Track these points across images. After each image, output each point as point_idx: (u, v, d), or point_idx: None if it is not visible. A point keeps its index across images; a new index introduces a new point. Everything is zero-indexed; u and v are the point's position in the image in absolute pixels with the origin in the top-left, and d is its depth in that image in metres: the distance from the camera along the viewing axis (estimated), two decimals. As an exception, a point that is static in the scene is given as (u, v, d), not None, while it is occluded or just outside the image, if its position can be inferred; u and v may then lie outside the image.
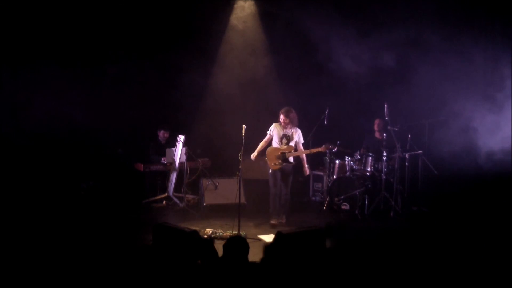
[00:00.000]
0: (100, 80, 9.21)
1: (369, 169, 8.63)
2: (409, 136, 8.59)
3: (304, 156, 7.73)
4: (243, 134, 7.03)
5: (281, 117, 7.58)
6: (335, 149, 8.51)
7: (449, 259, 5.82)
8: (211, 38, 9.65)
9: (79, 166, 8.96)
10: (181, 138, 8.47)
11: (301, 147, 7.73)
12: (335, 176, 8.83)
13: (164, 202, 8.70)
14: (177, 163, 8.61)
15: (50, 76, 8.64)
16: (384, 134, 8.48)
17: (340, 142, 8.81)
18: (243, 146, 7.04)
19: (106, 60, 9.06)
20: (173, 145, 8.69)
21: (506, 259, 5.78)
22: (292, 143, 7.60)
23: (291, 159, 7.65)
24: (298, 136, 7.66)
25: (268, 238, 6.64)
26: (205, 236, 6.65)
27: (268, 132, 7.76)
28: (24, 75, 8.62)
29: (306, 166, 7.77)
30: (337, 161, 8.94)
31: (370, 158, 8.63)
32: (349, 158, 8.67)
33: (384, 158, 8.34)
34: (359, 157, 8.70)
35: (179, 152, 8.58)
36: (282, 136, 7.64)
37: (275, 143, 7.68)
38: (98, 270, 5.17)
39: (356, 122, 9.32)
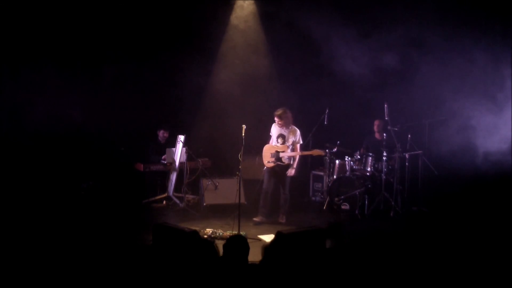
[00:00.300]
0: (100, 80, 9.21)
1: (369, 169, 8.63)
2: (409, 136, 8.59)
3: (297, 157, 7.66)
4: (243, 134, 7.03)
5: (275, 119, 7.59)
6: (335, 149, 8.51)
7: (449, 259, 5.83)
8: (211, 38, 9.64)
9: (79, 166, 8.96)
10: (181, 138, 8.47)
11: (298, 148, 7.69)
12: (335, 176, 8.83)
13: (164, 202, 8.70)
14: (177, 163, 8.61)
15: (50, 77, 8.63)
16: (384, 134, 8.48)
17: (340, 142, 8.83)
18: (243, 146, 7.05)
19: (106, 60, 9.04)
20: (173, 145, 8.68)
21: (506, 259, 5.78)
22: (288, 143, 7.58)
23: (285, 159, 7.62)
24: (295, 137, 7.63)
25: (268, 238, 6.64)
26: (205, 236, 6.65)
27: (270, 134, 7.79)
28: (25, 76, 8.62)
29: (294, 168, 7.64)
30: (337, 161, 8.94)
31: (370, 158, 8.63)
32: (349, 158, 8.67)
33: (384, 158, 8.34)
34: (359, 157, 8.69)
35: (179, 152, 8.58)
36: (278, 136, 7.67)
37: (273, 142, 7.72)
38: (98, 270, 5.17)
39: (356, 122, 9.32)
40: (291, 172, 7.67)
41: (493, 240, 6.57)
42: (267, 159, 7.68)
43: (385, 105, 8.34)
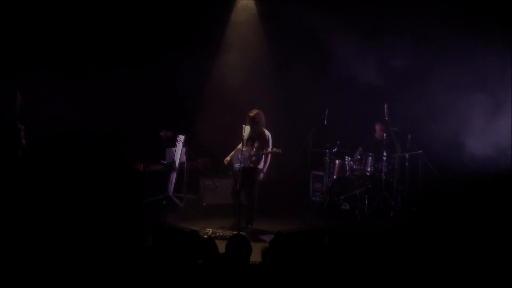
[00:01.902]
0: (100, 80, 9.20)
1: (369, 169, 8.62)
2: (409, 136, 8.59)
3: (267, 161, 7.29)
4: (243, 134, 7.02)
5: (248, 121, 7.24)
6: (335, 149, 8.46)
7: (449, 259, 5.83)
8: (211, 36, 9.63)
9: (80, 166, 8.96)
10: (181, 138, 8.48)
11: (268, 151, 7.26)
12: (335, 176, 8.83)
13: (164, 202, 8.70)
14: (177, 163, 8.61)
15: (49, 77, 8.63)
16: (384, 134, 8.48)
17: (340, 142, 8.83)
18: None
19: (106, 60, 9.04)
20: (174, 144, 8.68)
21: (506, 258, 5.78)
22: (256, 146, 7.20)
23: (253, 161, 7.22)
24: (265, 140, 7.22)
25: (268, 238, 6.64)
26: (205, 236, 6.65)
27: (242, 138, 7.33)
28: (24, 77, 8.61)
29: (264, 172, 7.27)
30: (337, 161, 8.93)
31: (370, 158, 8.63)
32: (349, 158, 8.68)
33: (384, 158, 8.34)
34: (359, 157, 8.69)
35: (179, 152, 8.58)
36: (248, 139, 7.26)
37: (243, 145, 7.31)
38: (99, 270, 5.17)
39: (356, 122, 9.32)
40: (260, 176, 7.31)
41: (493, 240, 6.57)
42: (236, 162, 7.29)
43: (385, 105, 8.34)
